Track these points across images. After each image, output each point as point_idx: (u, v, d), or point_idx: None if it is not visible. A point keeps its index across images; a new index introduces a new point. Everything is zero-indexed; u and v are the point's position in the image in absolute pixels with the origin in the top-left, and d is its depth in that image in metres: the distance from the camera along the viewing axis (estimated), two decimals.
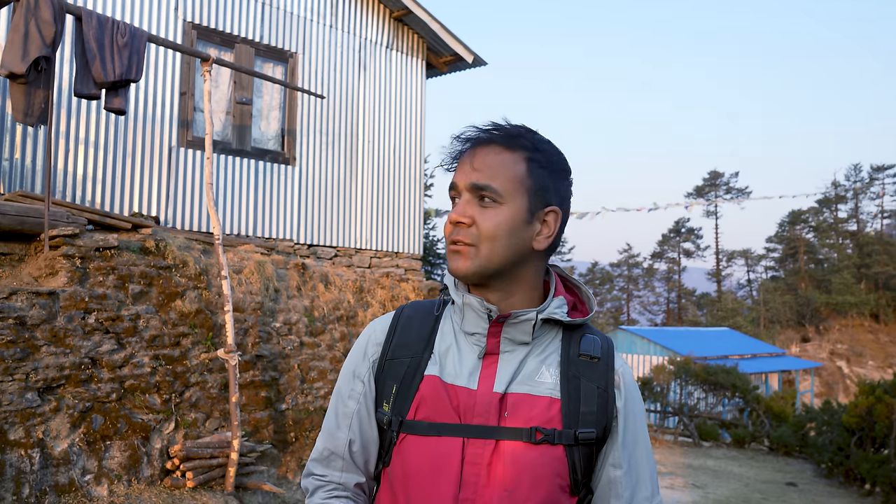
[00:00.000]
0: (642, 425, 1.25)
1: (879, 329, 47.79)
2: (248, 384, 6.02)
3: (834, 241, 55.75)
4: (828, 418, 12.79)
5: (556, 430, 1.15)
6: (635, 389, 1.25)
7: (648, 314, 60.22)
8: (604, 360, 1.22)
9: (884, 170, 54.00)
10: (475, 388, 1.18)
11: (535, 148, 1.20)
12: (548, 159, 1.21)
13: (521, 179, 1.18)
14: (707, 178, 58.41)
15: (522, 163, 1.18)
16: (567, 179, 1.24)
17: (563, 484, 1.16)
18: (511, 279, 1.22)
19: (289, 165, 7.79)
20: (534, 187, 1.19)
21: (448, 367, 1.21)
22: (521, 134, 1.21)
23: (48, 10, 4.77)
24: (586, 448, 1.18)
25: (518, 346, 1.21)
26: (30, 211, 5.00)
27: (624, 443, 1.21)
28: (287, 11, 7.85)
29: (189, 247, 6.04)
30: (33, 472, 4.41)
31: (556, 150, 1.24)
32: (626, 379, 1.24)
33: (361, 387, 1.29)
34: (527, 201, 1.18)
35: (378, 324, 1.33)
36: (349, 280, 7.48)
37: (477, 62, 9.43)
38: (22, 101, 4.74)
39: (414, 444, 1.19)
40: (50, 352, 4.71)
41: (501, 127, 1.22)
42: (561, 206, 1.22)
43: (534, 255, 1.22)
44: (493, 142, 1.20)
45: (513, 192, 1.18)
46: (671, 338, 26.63)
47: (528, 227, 1.19)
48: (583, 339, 1.24)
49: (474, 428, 1.16)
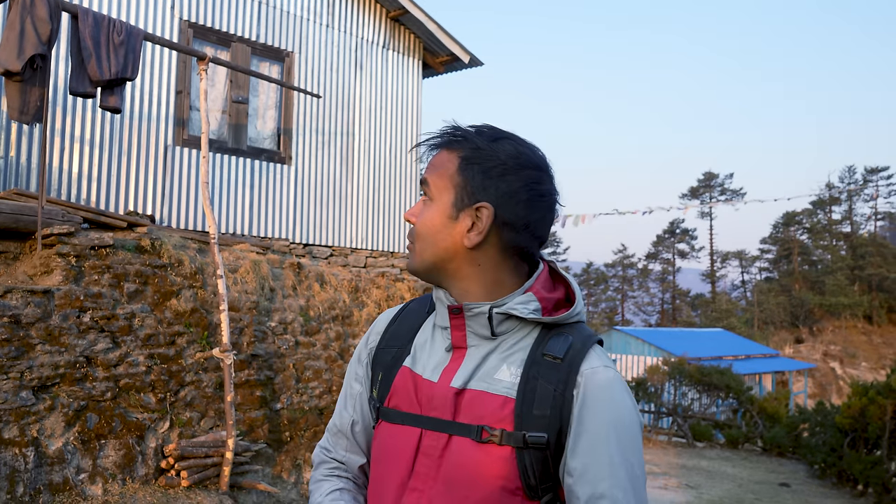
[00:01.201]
0: (608, 433, 1.12)
1: (873, 331, 48.00)
2: (243, 383, 6.01)
3: (828, 242, 55.98)
4: (821, 419, 12.84)
5: (505, 431, 1.13)
6: (604, 394, 1.14)
7: (643, 315, 60.37)
8: (567, 361, 1.15)
9: (878, 172, 54.25)
10: (436, 382, 1.21)
11: (474, 146, 1.21)
12: (485, 156, 1.20)
13: (451, 177, 1.21)
14: (702, 179, 58.60)
15: (455, 161, 1.21)
16: (509, 176, 1.19)
17: (509, 486, 1.13)
18: (456, 275, 1.23)
19: (285, 165, 7.78)
20: (462, 184, 1.20)
21: (420, 359, 1.26)
22: (464, 134, 1.23)
23: (44, 7, 4.76)
24: (539, 452, 1.13)
25: (483, 342, 1.21)
26: (25, 209, 4.99)
27: (576, 450, 1.12)
28: (283, 10, 7.85)
29: (184, 246, 6.03)
30: (27, 470, 4.40)
31: (505, 148, 1.21)
32: (592, 382, 1.14)
33: (363, 371, 1.37)
34: (452, 198, 1.20)
35: (384, 314, 1.41)
36: (345, 280, 7.48)
37: (473, 62, 9.43)
38: (17, 98, 4.72)
39: (384, 431, 1.26)
40: (45, 350, 4.70)
41: (453, 129, 1.25)
42: (497, 202, 1.18)
43: (477, 253, 1.21)
44: (439, 144, 1.25)
45: (442, 190, 1.21)
46: (665, 338, 26.70)
47: (455, 224, 1.20)
48: (553, 338, 1.19)
49: (431, 420, 1.19)
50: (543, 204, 1.22)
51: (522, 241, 1.22)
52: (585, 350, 1.17)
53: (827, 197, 54.79)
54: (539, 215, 1.22)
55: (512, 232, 1.20)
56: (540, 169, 1.22)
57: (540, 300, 1.20)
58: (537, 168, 1.22)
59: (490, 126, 1.25)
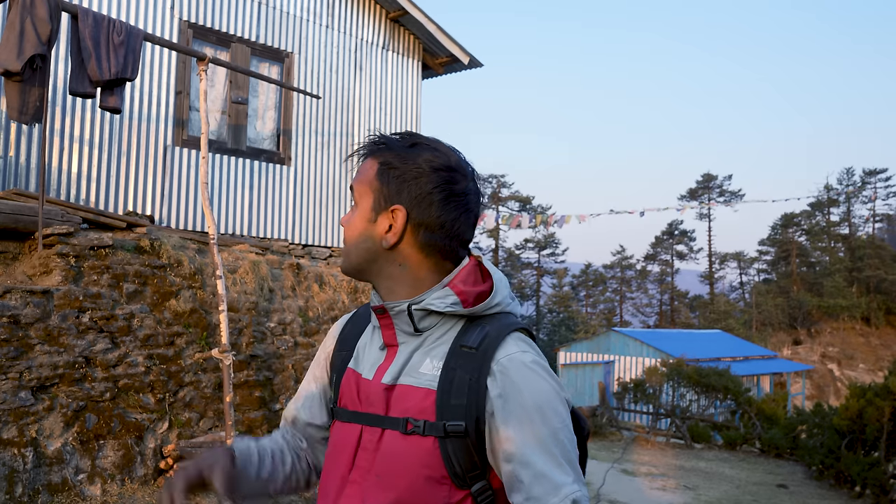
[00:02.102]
0: (531, 416, 1.15)
1: (870, 332, 48.05)
2: (242, 384, 6.01)
3: (826, 244, 56.04)
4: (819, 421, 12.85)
5: (427, 422, 1.18)
6: (522, 378, 1.17)
7: (641, 316, 60.36)
8: (482, 350, 1.20)
9: (876, 174, 54.34)
10: (371, 379, 1.28)
11: (393, 154, 1.28)
12: (400, 162, 1.26)
13: (370, 182, 1.29)
14: (700, 180, 58.62)
15: (375, 167, 1.29)
16: (422, 179, 1.25)
17: (434, 475, 1.17)
18: (381, 275, 1.30)
19: (284, 165, 7.78)
20: (379, 189, 1.27)
21: (361, 359, 1.34)
22: (385, 142, 1.31)
23: (44, 7, 4.76)
24: (460, 440, 1.17)
25: (410, 338, 1.28)
26: (24, 209, 4.99)
27: (507, 436, 1.15)
28: (283, 11, 7.85)
29: (184, 246, 6.03)
30: (26, 470, 4.40)
31: (421, 154, 1.27)
32: (509, 369, 1.18)
33: (320, 372, 1.48)
34: (371, 202, 1.28)
35: (340, 320, 1.52)
36: (344, 280, 7.48)
37: (473, 63, 9.44)
38: (17, 98, 4.73)
39: (334, 429, 1.35)
40: (44, 350, 4.69)
41: (378, 138, 1.33)
42: (410, 204, 1.25)
43: (398, 253, 1.27)
44: (364, 153, 1.34)
45: (363, 195, 1.30)
46: (664, 340, 26.71)
47: (374, 226, 1.27)
48: (470, 330, 1.24)
49: (368, 416, 1.26)
50: (458, 203, 1.27)
51: (439, 239, 1.27)
52: (501, 338, 1.21)
53: (825, 199, 54.86)
54: (454, 215, 1.27)
55: (428, 232, 1.26)
56: (454, 170, 1.28)
57: (458, 294, 1.25)
58: (451, 170, 1.28)
59: (411, 133, 1.32)
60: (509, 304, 1.29)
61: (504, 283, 1.30)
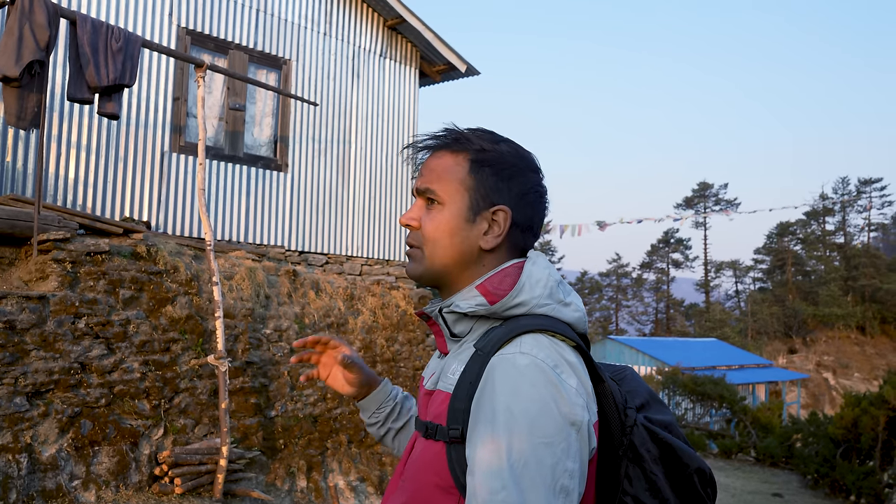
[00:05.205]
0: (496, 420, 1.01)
1: (866, 341, 48.13)
2: (237, 391, 6.00)
3: (821, 253, 56.18)
4: (814, 430, 12.88)
5: (440, 426, 1.12)
6: (503, 380, 1.04)
7: (637, 324, 60.40)
8: (486, 352, 1.10)
9: (871, 183, 54.53)
10: (425, 387, 1.28)
11: (480, 149, 1.21)
12: (494, 159, 1.20)
13: (462, 180, 1.20)
14: (696, 188, 58.76)
15: (465, 164, 1.21)
16: (519, 178, 1.21)
17: (440, 483, 1.10)
18: (461, 280, 1.22)
19: (281, 172, 7.79)
20: (475, 187, 1.20)
21: (428, 370, 1.33)
22: (467, 136, 1.23)
23: (42, 14, 4.77)
24: (460, 447, 1.09)
25: (454, 345, 1.23)
26: (20, 214, 4.99)
27: (469, 442, 1.05)
28: (281, 18, 7.88)
29: (180, 252, 6.03)
30: (21, 477, 4.38)
31: (509, 150, 1.22)
32: (495, 369, 1.06)
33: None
34: (468, 201, 1.20)
35: None
36: (340, 287, 7.48)
37: (470, 71, 9.48)
38: (15, 104, 4.73)
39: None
40: (39, 356, 4.68)
41: (450, 131, 1.25)
42: (512, 204, 1.19)
43: (484, 255, 1.21)
44: (438, 146, 1.24)
45: (453, 194, 1.20)
46: (659, 348, 26.73)
47: (472, 227, 1.20)
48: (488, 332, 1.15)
49: (417, 423, 1.25)
50: (545, 205, 1.25)
51: (527, 241, 1.24)
52: (504, 339, 1.10)
53: (821, 208, 55.03)
54: (542, 216, 1.24)
55: (519, 233, 1.22)
56: (539, 171, 1.25)
57: (485, 294, 1.16)
58: (537, 170, 1.24)
59: (483, 128, 1.26)
60: (545, 305, 1.14)
61: (540, 282, 1.16)
